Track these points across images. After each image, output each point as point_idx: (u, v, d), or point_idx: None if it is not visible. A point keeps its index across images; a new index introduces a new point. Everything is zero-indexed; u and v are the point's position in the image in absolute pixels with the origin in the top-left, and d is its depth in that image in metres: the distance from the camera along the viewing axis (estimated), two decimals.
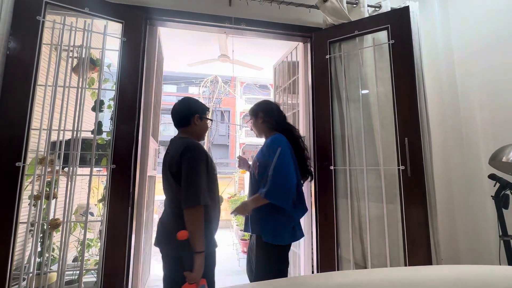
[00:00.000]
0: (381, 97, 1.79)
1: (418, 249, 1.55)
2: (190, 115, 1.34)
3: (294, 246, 2.29)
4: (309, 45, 2.09)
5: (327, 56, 1.91)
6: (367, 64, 1.87)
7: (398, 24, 1.73)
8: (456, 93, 2.04)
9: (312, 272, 1.91)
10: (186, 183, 1.15)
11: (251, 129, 1.59)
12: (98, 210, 2.11)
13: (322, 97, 1.90)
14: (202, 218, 1.14)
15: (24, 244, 1.55)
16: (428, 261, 1.51)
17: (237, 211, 1.42)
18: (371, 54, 1.85)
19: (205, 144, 8.99)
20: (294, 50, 2.47)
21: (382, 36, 1.84)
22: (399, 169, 1.64)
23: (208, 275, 1.19)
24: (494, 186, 1.49)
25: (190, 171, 1.16)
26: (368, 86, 1.85)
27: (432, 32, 2.16)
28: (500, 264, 1.54)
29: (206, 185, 1.18)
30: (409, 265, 1.52)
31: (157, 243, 1.30)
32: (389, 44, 1.74)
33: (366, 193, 1.70)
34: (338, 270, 1.71)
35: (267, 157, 1.38)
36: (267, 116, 1.51)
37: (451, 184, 2.01)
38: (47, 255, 1.65)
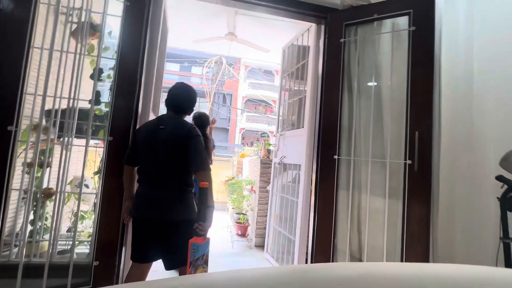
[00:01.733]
0: (394, 87, 1.71)
1: (417, 244, 1.53)
2: (192, 108, 1.56)
3: (289, 233, 2.28)
4: (322, 27, 1.97)
5: (342, 40, 1.80)
6: (383, 52, 1.77)
7: (421, 10, 1.62)
8: (471, 90, 1.95)
9: (306, 261, 1.90)
10: (199, 153, 1.38)
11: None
12: (94, 183, 2.07)
13: (332, 83, 1.81)
14: (211, 179, 1.38)
15: (16, 211, 1.51)
16: (425, 258, 1.50)
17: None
18: (388, 40, 1.75)
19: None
20: (306, 32, 2.35)
21: (402, 22, 1.73)
22: (405, 163, 1.59)
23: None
24: (502, 187, 1.45)
25: (200, 144, 1.40)
26: (381, 75, 1.77)
27: (454, 23, 2.04)
28: (497, 266, 1.52)
29: None
30: (405, 260, 1.51)
31: (156, 214, 1.34)
32: (409, 31, 1.64)
33: (369, 185, 1.66)
34: (332, 260, 1.70)
35: None
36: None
37: (455, 182, 1.97)
38: (39, 223, 1.62)
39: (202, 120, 2.41)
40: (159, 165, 1.38)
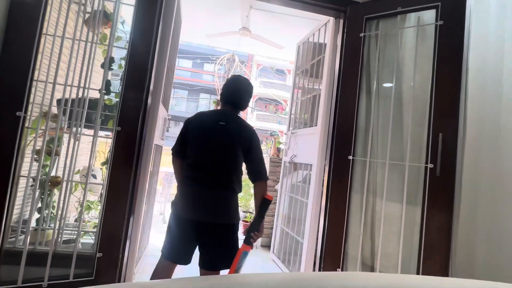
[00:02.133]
0: (416, 86, 1.60)
1: (435, 255, 1.42)
2: (248, 104, 1.46)
3: (297, 235, 2.21)
4: (341, 21, 1.88)
5: (362, 34, 1.71)
6: (406, 48, 1.66)
7: (450, 3, 1.50)
8: (500, 91, 1.81)
9: (314, 264, 1.82)
10: (262, 161, 1.35)
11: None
12: (102, 174, 2.06)
13: (349, 80, 1.72)
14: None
15: (23, 198, 1.51)
16: (444, 269, 1.40)
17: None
18: (412, 35, 1.64)
19: None
20: (323, 28, 2.26)
21: (428, 16, 1.62)
22: (426, 167, 1.48)
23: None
24: None
25: (260, 150, 1.35)
26: (403, 72, 1.66)
27: (484, 19, 1.90)
28: None
29: None
30: (422, 271, 1.41)
31: (210, 216, 1.26)
32: (436, 25, 1.53)
33: (385, 189, 1.56)
34: (342, 267, 1.61)
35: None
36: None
37: (479, 189, 1.84)
38: (46, 212, 1.62)
39: None
40: (218, 164, 1.29)
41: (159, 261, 1.33)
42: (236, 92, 1.40)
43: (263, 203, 1.30)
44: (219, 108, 1.45)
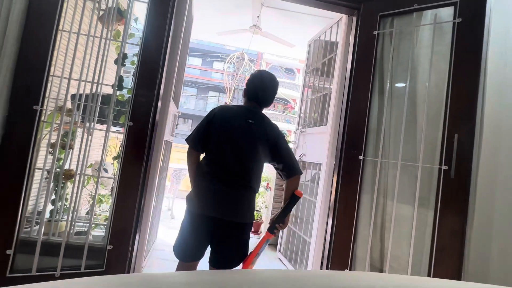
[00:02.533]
0: (431, 85, 1.56)
1: (448, 259, 1.39)
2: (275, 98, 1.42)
3: (304, 234, 2.19)
4: (354, 19, 1.84)
5: (375, 32, 1.67)
6: (421, 46, 1.62)
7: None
8: None
9: (321, 265, 1.81)
10: (293, 155, 1.35)
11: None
12: (114, 169, 2.10)
13: (361, 78, 1.69)
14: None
15: (38, 190, 1.56)
16: (457, 273, 1.36)
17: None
18: (428, 33, 1.60)
19: None
20: (335, 25, 2.23)
21: (445, 13, 1.57)
22: (440, 169, 1.44)
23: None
24: None
25: (286, 145, 1.33)
26: (417, 71, 1.62)
27: (505, 17, 1.83)
28: None
29: None
30: (433, 274, 1.38)
31: (230, 214, 1.24)
32: (454, 22, 1.48)
33: (397, 190, 1.53)
34: (350, 268, 1.59)
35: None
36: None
37: (495, 193, 1.78)
38: (59, 203, 1.66)
39: None
40: (242, 163, 1.25)
41: (178, 265, 1.31)
42: (262, 90, 1.34)
43: (293, 198, 1.30)
44: (243, 104, 1.40)
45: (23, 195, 1.37)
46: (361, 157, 1.63)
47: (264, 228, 3.28)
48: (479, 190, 1.62)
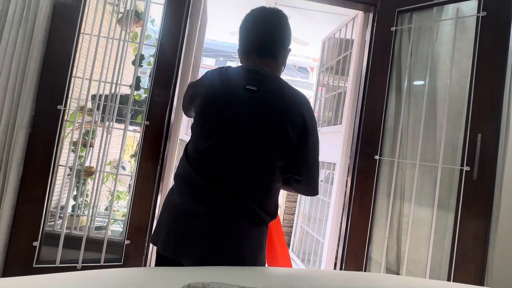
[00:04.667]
0: (452, 83, 1.49)
1: (469, 264, 1.33)
2: (286, 46, 0.83)
3: (318, 234, 2.17)
4: (371, 15, 1.80)
5: (393, 28, 1.62)
6: (442, 42, 1.56)
7: None
8: None
9: (335, 266, 1.78)
10: (316, 164, 0.78)
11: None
12: (131, 166, 2.17)
13: (378, 76, 1.65)
14: None
15: (61, 186, 1.64)
16: (479, 279, 1.30)
17: None
18: (449, 28, 1.53)
19: None
20: (351, 22, 2.19)
21: (468, 7, 1.50)
22: (461, 170, 1.38)
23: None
24: None
25: (317, 147, 0.77)
26: (438, 68, 1.56)
27: None
28: None
29: None
30: (454, 279, 1.32)
31: (206, 259, 0.67)
32: (478, 16, 1.41)
33: (415, 191, 1.48)
34: (365, 270, 1.56)
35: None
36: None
37: None
38: (80, 199, 1.74)
39: None
40: (239, 167, 0.71)
41: None
42: (267, 32, 0.80)
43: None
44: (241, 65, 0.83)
45: (48, 191, 1.44)
46: (377, 157, 1.59)
47: None
48: (504, 193, 1.53)
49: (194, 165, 0.74)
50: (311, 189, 0.82)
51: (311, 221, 2.34)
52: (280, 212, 3.16)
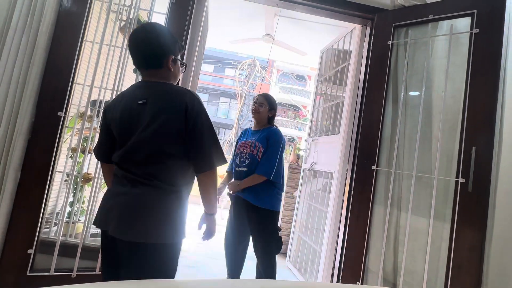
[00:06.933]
0: (447, 96, 1.54)
1: (465, 276, 1.34)
2: (164, 55, 0.94)
3: (315, 244, 2.17)
4: (368, 28, 1.85)
5: (389, 42, 1.67)
6: (437, 56, 1.60)
7: (488, 10, 1.43)
8: None
9: (332, 276, 1.78)
10: (211, 141, 0.92)
11: (254, 111, 1.73)
12: None
13: (375, 88, 1.68)
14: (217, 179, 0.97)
15: (58, 192, 1.62)
16: None
17: (233, 189, 1.65)
18: (443, 44, 1.58)
19: (234, 127, 9.03)
20: (348, 35, 2.24)
21: (462, 24, 1.56)
22: (457, 181, 1.41)
23: (171, 269, 0.91)
24: None
25: (211, 127, 0.93)
26: (433, 81, 1.60)
27: None
28: None
29: None
30: None
31: (118, 229, 0.85)
32: (471, 33, 1.46)
33: (411, 202, 1.50)
34: (362, 281, 1.56)
35: (272, 144, 1.63)
36: (274, 112, 1.74)
37: None
38: (77, 205, 1.72)
39: (272, 102, 1.73)
40: (142, 162, 0.90)
41: None
42: (139, 45, 0.93)
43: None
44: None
45: (45, 197, 1.43)
46: (374, 167, 1.61)
47: None
48: (498, 204, 1.56)
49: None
50: (210, 157, 0.93)
51: (308, 230, 2.34)
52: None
